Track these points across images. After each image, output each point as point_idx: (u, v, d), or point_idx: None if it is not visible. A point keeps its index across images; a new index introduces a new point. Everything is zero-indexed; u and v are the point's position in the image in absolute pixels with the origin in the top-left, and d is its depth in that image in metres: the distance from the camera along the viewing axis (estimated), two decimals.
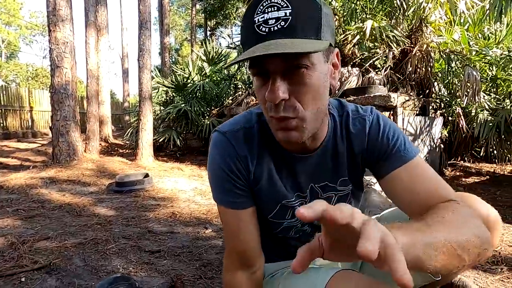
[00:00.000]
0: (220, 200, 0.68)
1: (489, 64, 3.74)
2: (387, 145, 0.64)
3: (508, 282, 1.57)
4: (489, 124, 3.42)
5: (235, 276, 0.69)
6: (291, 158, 0.66)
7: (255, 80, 0.56)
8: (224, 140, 0.66)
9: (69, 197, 3.04)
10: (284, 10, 0.48)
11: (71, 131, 4.10)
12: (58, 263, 1.69)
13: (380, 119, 0.67)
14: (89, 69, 5.30)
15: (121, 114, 14.23)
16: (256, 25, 0.50)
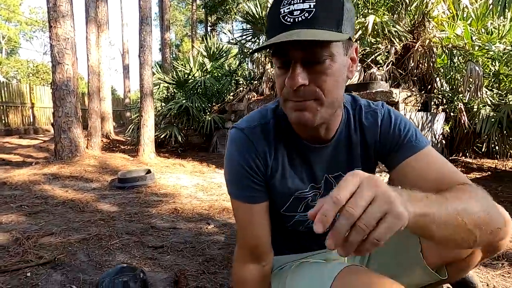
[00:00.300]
0: (237, 195, 0.69)
1: (492, 59, 3.71)
2: (398, 136, 0.66)
3: (508, 277, 1.59)
4: (491, 119, 3.41)
5: (247, 269, 0.71)
6: (306, 149, 0.68)
7: (277, 69, 0.58)
8: (243, 136, 0.68)
9: (72, 193, 3.06)
10: (308, 2, 0.51)
11: (73, 127, 4.11)
12: (62, 258, 1.71)
13: (391, 112, 0.69)
14: (90, 65, 5.29)
15: (122, 110, 14.23)
16: (281, 16, 0.52)
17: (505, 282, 1.54)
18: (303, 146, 0.68)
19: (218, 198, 3.03)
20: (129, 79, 12.51)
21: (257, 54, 5.89)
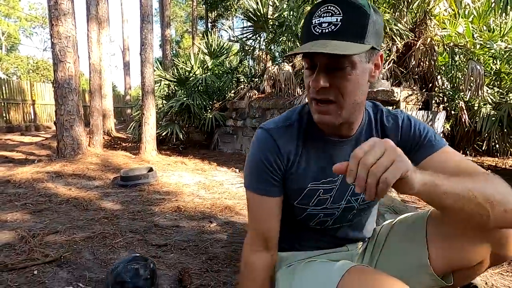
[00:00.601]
0: (254, 188, 0.75)
1: (493, 57, 3.71)
2: (419, 137, 0.74)
3: (507, 276, 1.61)
4: (491, 118, 3.42)
5: (257, 255, 0.77)
6: (329, 144, 0.75)
7: (306, 71, 0.67)
8: (268, 136, 0.74)
9: (75, 191, 3.09)
10: (336, 16, 0.58)
11: (75, 125, 4.13)
12: (68, 257, 1.74)
13: (410, 117, 0.78)
14: (92, 63, 5.29)
15: (123, 107, 14.24)
16: (312, 26, 0.60)
17: (504, 281, 1.57)
18: (326, 141, 0.75)
19: (220, 197, 3.05)
20: (130, 76, 12.50)
21: (258, 51, 5.88)
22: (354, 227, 0.83)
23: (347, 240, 0.83)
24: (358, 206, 0.77)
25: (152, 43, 4.83)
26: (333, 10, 0.59)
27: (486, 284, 1.52)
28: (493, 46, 3.43)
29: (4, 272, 1.55)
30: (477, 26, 3.93)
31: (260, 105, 4.97)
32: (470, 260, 0.69)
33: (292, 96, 4.43)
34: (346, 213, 0.77)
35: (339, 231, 0.81)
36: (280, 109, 4.59)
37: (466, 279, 0.76)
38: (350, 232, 0.82)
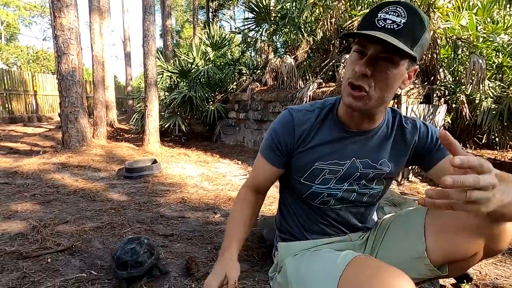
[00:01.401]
0: (262, 152, 0.88)
1: (496, 51, 3.71)
2: (436, 141, 0.82)
3: (500, 266, 1.68)
4: (492, 112, 3.44)
5: (248, 192, 0.93)
6: (344, 133, 0.82)
7: (353, 54, 0.72)
8: (289, 116, 0.84)
9: (82, 183, 3.16)
10: (401, 18, 0.65)
11: (79, 117, 4.17)
12: (79, 246, 1.82)
13: (426, 123, 0.87)
14: (95, 55, 5.30)
15: (124, 98, 14.23)
16: (377, 19, 0.66)
17: (497, 270, 1.64)
18: (343, 130, 0.82)
19: (224, 188, 3.12)
20: (131, 66, 12.45)
21: (260, 43, 5.86)
22: (355, 215, 0.88)
23: (348, 226, 0.89)
24: (359, 190, 0.83)
25: (154, 34, 4.83)
26: (400, 12, 0.65)
27: (480, 273, 1.60)
28: (496, 39, 3.43)
29: (20, 260, 1.63)
30: (481, 18, 3.91)
31: (262, 97, 4.99)
32: (465, 252, 0.74)
33: (294, 88, 4.44)
34: (347, 195, 0.84)
35: (341, 215, 0.87)
36: (282, 101, 4.61)
37: (460, 270, 0.81)
38: (351, 218, 0.88)
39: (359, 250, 0.87)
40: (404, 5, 0.66)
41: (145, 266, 1.45)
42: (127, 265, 1.43)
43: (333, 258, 0.70)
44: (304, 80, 4.64)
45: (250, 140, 5.49)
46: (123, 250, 1.50)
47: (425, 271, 0.78)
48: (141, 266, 1.44)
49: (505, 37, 3.65)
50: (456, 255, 0.76)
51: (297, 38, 4.96)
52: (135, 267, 1.43)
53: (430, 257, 0.77)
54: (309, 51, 5.07)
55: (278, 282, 0.88)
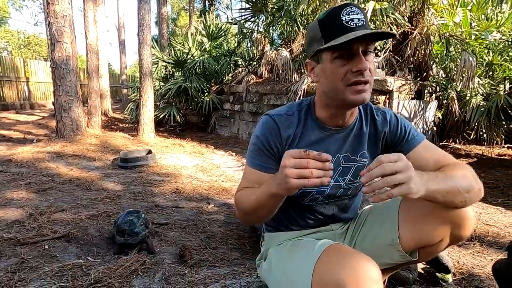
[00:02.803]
0: (250, 162, 0.88)
1: (487, 48, 3.77)
2: (404, 132, 0.88)
3: (477, 256, 1.78)
4: (481, 108, 3.53)
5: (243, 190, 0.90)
6: (325, 132, 0.87)
7: (337, 61, 0.75)
8: (271, 121, 0.87)
9: (77, 172, 3.19)
10: (360, 14, 0.74)
11: (74, 106, 4.16)
12: (75, 233, 1.87)
13: (397, 115, 0.92)
14: (89, 43, 5.23)
15: (118, 87, 14.07)
16: (344, 22, 0.73)
17: (474, 260, 1.74)
18: (322, 129, 0.87)
19: (217, 179, 3.18)
20: (126, 54, 12.27)
21: (256, 34, 5.84)
22: (340, 207, 0.95)
23: (332, 218, 0.96)
24: (345, 185, 0.89)
25: (149, 24, 4.78)
26: (356, 10, 0.74)
27: (458, 263, 1.69)
28: (487, 37, 3.49)
29: (17, 246, 1.68)
30: (475, 15, 3.96)
31: (257, 89, 5.01)
32: (433, 239, 0.83)
33: (289, 82, 4.47)
34: (334, 191, 0.89)
35: (326, 208, 0.93)
36: (277, 94, 4.65)
37: (429, 255, 0.90)
38: (336, 211, 0.95)
39: (340, 239, 0.94)
40: (353, 5, 0.75)
41: (139, 236, 1.67)
42: (125, 233, 1.66)
43: (311, 247, 0.76)
44: (299, 74, 4.67)
45: (244, 132, 5.54)
46: (123, 220, 1.72)
47: (397, 257, 0.85)
48: (136, 236, 1.67)
49: (497, 35, 3.71)
50: (425, 241, 0.83)
51: (293, 31, 4.96)
52: (131, 236, 1.66)
53: (402, 244, 0.84)
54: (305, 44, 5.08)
55: (263, 269, 0.95)
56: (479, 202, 2.64)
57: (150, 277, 1.43)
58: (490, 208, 2.54)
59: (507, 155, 4.16)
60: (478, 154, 4.22)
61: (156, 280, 1.41)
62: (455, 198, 0.71)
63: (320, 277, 0.66)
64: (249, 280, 1.15)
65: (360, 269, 0.62)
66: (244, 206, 0.81)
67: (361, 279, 0.60)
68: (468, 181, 0.72)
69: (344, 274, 0.62)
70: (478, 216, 2.36)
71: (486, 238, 1.98)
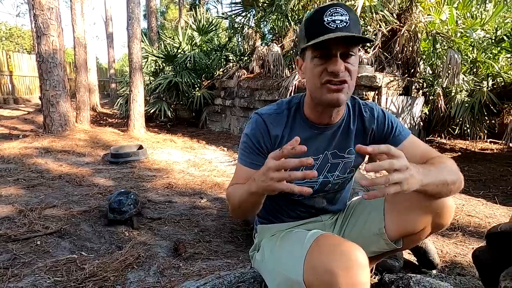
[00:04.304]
0: (241, 160, 0.89)
1: (472, 46, 3.89)
2: (391, 128, 0.91)
3: (460, 245, 1.87)
4: (465, 104, 3.65)
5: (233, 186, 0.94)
6: (314, 129, 0.88)
7: (316, 60, 0.77)
8: (261, 120, 0.88)
9: (66, 167, 3.15)
10: (345, 16, 0.74)
11: (62, 101, 4.09)
12: (68, 229, 1.87)
13: (384, 110, 0.95)
14: (76, 37, 5.11)
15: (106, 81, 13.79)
16: (326, 23, 0.74)
17: (456, 249, 1.82)
18: (310, 127, 0.88)
19: (210, 174, 3.20)
20: (114, 48, 12.01)
21: (247, 29, 5.83)
22: (329, 200, 0.99)
23: (322, 211, 0.99)
24: (333, 180, 0.92)
25: (139, 17, 4.71)
26: (341, 11, 0.74)
27: (441, 252, 1.78)
28: (472, 35, 3.60)
29: (9, 243, 1.67)
30: (461, 12, 4.06)
31: (249, 85, 5.02)
32: (416, 227, 0.88)
33: (280, 77, 4.50)
34: (323, 186, 0.93)
35: (316, 202, 0.97)
36: (269, 90, 4.67)
37: (413, 243, 0.96)
38: (325, 203, 0.98)
39: (329, 229, 0.99)
40: (340, 5, 0.76)
41: (126, 215, 1.93)
42: (114, 211, 1.93)
43: (302, 237, 0.79)
44: (290, 69, 4.70)
45: (236, 127, 5.55)
46: (114, 199, 1.98)
47: (383, 245, 0.91)
48: (123, 214, 1.93)
49: (481, 33, 3.83)
50: (409, 230, 0.89)
51: (284, 26, 4.97)
52: (120, 214, 1.93)
53: (388, 233, 0.89)
54: (296, 40, 5.11)
55: (257, 260, 0.98)
56: (462, 194, 2.76)
57: (145, 270, 1.45)
58: (473, 200, 2.65)
59: (489, 150, 4.32)
60: (462, 148, 4.37)
61: (151, 273, 1.44)
62: (443, 190, 0.75)
63: (311, 265, 0.70)
64: (243, 271, 1.18)
65: (348, 256, 0.66)
66: (232, 202, 0.84)
67: (349, 265, 0.64)
68: (454, 173, 0.77)
69: (334, 261, 0.66)
70: (461, 207, 2.47)
71: (468, 228, 2.08)
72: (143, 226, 1.98)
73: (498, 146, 4.36)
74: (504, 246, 0.97)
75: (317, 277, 0.67)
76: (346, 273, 0.63)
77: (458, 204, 2.53)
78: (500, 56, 3.95)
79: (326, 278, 0.65)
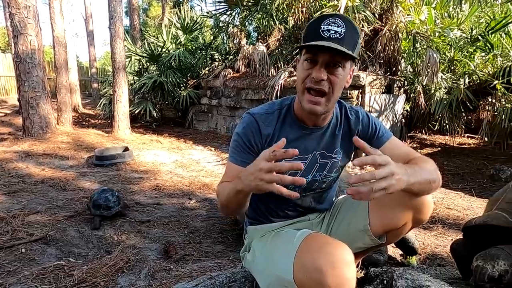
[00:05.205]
0: (232, 158, 0.91)
1: (449, 45, 4.04)
2: (375, 130, 0.97)
3: (440, 237, 1.97)
4: (444, 101, 3.80)
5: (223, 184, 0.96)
6: (303, 130, 0.92)
7: (305, 63, 0.82)
8: (252, 120, 0.91)
9: (49, 171, 3.06)
10: (341, 28, 0.77)
11: (42, 103, 3.96)
12: (53, 235, 1.83)
13: (368, 114, 1.01)
14: (56, 36, 4.94)
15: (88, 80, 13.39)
16: (321, 30, 0.78)
17: (437, 241, 1.91)
18: (301, 128, 0.92)
19: (198, 175, 3.20)
20: (95, 46, 11.67)
21: (232, 28, 5.81)
22: (316, 199, 1.02)
23: (310, 210, 1.03)
24: (321, 179, 0.96)
25: (121, 16, 4.61)
26: (339, 23, 0.77)
27: (423, 244, 1.86)
28: (449, 34, 3.74)
29: None
30: (438, 12, 4.22)
31: (235, 84, 5.02)
32: (398, 223, 0.94)
33: (266, 76, 4.53)
34: (310, 185, 0.96)
35: (304, 201, 1.00)
36: (255, 89, 4.69)
37: (395, 238, 1.02)
38: (312, 203, 1.02)
39: (317, 228, 1.03)
40: (341, 17, 0.79)
41: (112, 210, 2.01)
42: (100, 207, 1.99)
43: (291, 237, 0.82)
44: (276, 68, 4.73)
45: (223, 127, 5.55)
46: (99, 196, 2.03)
47: (368, 241, 0.96)
48: (110, 210, 2.00)
49: (458, 33, 3.98)
50: (391, 226, 0.95)
51: (269, 25, 4.99)
52: (106, 209, 1.99)
53: (372, 230, 0.95)
54: (281, 39, 5.14)
55: (248, 260, 1.01)
56: (442, 188, 2.88)
57: (136, 273, 1.45)
58: (452, 194, 2.78)
59: (466, 144, 4.52)
60: (441, 143, 4.55)
61: (142, 276, 1.44)
62: (426, 188, 0.80)
63: (301, 264, 0.73)
64: (234, 271, 1.21)
65: (335, 255, 0.69)
66: (220, 199, 0.87)
67: (336, 263, 0.68)
68: (435, 173, 0.83)
69: (322, 259, 0.69)
70: (441, 201, 2.58)
71: (448, 221, 2.18)
72: (132, 229, 1.97)
73: (475, 140, 4.56)
74: (479, 238, 1.03)
75: (306, 275, 0.71)
76: (333, 270, 0.66)
77: (438, 198, 2.65)
78: (476, 55, 4.13)
79: (315, 276, 0.68)
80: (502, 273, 0.84)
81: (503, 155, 3.85)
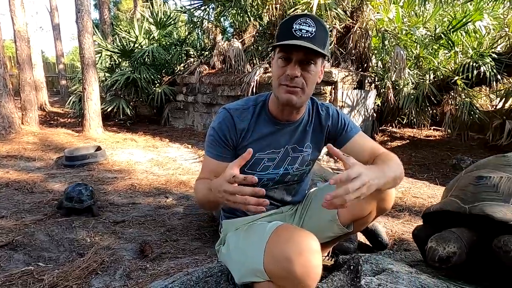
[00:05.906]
0: (208, 152, 0.95)
1: (416, 43, 4.26)
2: (344, 125, 1.02)
3: (407, 224, 2.09)
4: (411, 96, 4.01)
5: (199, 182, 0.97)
6: (277, 125, 0.97)
7: (280, 61, 0.86)
8: (228, 115, 0.94)
9: (14, 174, 2.90)
10: (312, 28, 0.82)
11: (4, 101, 3.72)
12: (20, 240, 1.75)
13: (338, 110, 1.06)
14: (17, 30, 4.62)
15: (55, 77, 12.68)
16: (293, 30, 0.82)
17: (404, 228, 2.04)
18: (274, 123, 0.96)
19: (174, 173, 3.16)
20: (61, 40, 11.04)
21: (207, 24, 5.74)
22: (289, 192, 1.07)
23: (283, 202, 1.07)
24: (293, 172, 1.01)
25: (89, 9, 4.40)
26: (310, 23, 0.82)
27: (391, 231, 1.97)
28: (415, 32, 3.94)
29: None
30: (406, 11, 4.42)
31: (211, 81, 4.98)
32: (364, 212, 1.00)
33: (242, 72, 4.53)
34: (283, 178, 1.01)
35: (276, 193, 1.04)
36: (231, 85, 4.68)
37: (362, 226, 1.10)
38: (285, 195, 1.07)
39: (290, 220, 1.07)
40: (311, 17, 0.84)
41: (84, 204, 2.05)
42: (73, 200, 2.03)
43: (263, 229, 0.86)
44: (251, 64, 4.74)
45: (199, 124, 5.49)
46: (72, 189, 2.08)
47: (337, 230, 1.02)
48: (82, 203, 2.04)
49: (423, 31, 4.20)
50: (358, 215, 1.01)
51: (244, 21, 4.99)
52: (78, 202, 2.04)
53: (340, 219, 1.01)
54: (256, 35, 5.15)
55: (223, 253, 1.04)
56: (410, 178, 3.06)
57: (110, 274, 1.43)
58: (418, 183, 2.96)
59: (432, 136, 4.80)
60: (410, 136, 4.80)
61: (117, 277, 1.42)
62: (391, 184, 0.87)
63: (271, 254, 0.77)
64: (210, 266, 1.22)
65: (302, 244, 0.73)
66: (197, 196, 0.91)
67: (303, 251, 0.72)
68: (400, 169, 0.90)
69: (290, 248, 0.73)
70: (408, 190, 2.74)
71: (414, 209, 2.33)
72: (106, 230, 1.92)
73: (440, 133, 4.86)
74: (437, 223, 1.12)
75: (276, 264, 0.74)
76: (300, 259, 0.70)
77: (406, 187, 2.81)
78: (440, 52, 4.38)
79: (284, 265, 0.72)
80: (450, 255, 0.92)
81: (464, 146, 4.14)
